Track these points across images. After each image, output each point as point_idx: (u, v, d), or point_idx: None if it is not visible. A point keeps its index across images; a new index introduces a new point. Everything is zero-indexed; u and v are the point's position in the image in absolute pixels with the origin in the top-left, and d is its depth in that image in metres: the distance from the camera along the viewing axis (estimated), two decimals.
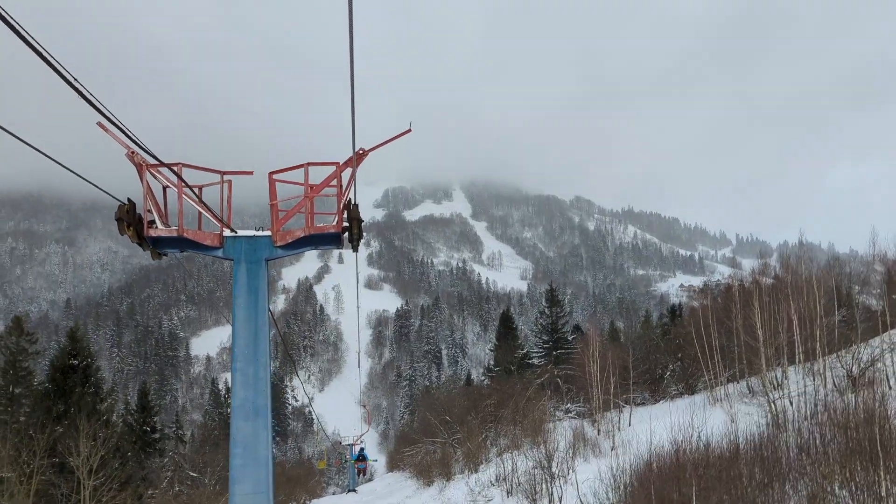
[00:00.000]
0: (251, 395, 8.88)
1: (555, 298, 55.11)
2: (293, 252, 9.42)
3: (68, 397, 18.45)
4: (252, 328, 8.98)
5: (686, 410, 28.69)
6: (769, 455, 12.39)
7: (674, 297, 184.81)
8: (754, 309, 23.23)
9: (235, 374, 8.96)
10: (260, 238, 9.22)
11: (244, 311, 9.01)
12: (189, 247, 9.16)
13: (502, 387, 41.27)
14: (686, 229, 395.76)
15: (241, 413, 8.90)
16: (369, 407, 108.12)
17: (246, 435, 8.85)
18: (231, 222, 9.22)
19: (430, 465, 36.37)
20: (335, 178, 9.07)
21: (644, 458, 17.26)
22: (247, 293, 9.05)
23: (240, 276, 9.08)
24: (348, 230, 9.05)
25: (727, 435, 17.40)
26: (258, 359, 8.97)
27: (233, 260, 9.17)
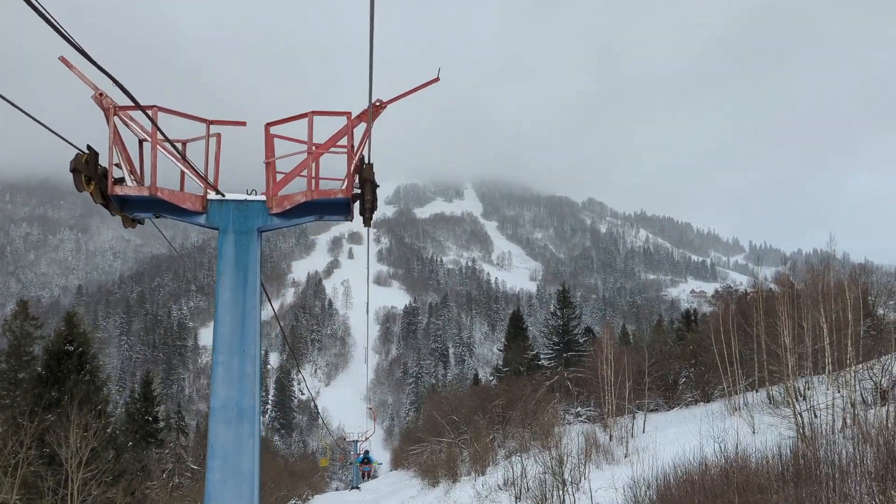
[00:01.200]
0: (235, 394, 7.30)
1: (566, 300, 54.13)
2: (292, 223, 7.88)
3: (62, 385, 17.74)
4: (238, 312, 7.44)
5: (704, 419, 27.80)
6: (810, 474, 11.45)
7: (684, 303, 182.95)
8: (780, 315, 22.21)
9: (216, 369, 7.39)
10: (252, 203, 7.69)
11: (230, 291, 7.48)
12: (164, 210, 7.61)
13: (511, 388, 40.44)
14: (699, 235, 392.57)
15: (221, 417, 7.29)
16: (374, 408, 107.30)
17: (227, 444, 7.25)
18: (219, 184, 7.67)
19: (436, 465, 35.62)
20: (346, 133, 7.54)
21: (665, 469, 16.27)
22: (234, 270, 7.53)
23: (226, 248, 7.58)
24: (360, 197, 7.61)
25: (755, 448, 16.41)
26: (245, 350, 7.40)
27: (218, 229, 7.66)
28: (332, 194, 7.55)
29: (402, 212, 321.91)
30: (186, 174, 7.67)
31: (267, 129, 7.49)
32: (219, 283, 7.50)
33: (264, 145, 7.50)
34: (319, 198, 7.61)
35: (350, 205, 7.67)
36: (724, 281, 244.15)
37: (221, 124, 7.57)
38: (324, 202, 7.68)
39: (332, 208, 7.69)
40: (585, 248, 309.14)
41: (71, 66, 6.55)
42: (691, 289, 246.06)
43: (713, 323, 32.77)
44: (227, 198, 7.69)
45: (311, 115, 7.45)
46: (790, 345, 21.76)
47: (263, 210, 7.66)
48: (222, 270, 7.48)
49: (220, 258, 7.52)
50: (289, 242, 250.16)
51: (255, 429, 7.46)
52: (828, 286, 23.27)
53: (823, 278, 23.03)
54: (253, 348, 7.46)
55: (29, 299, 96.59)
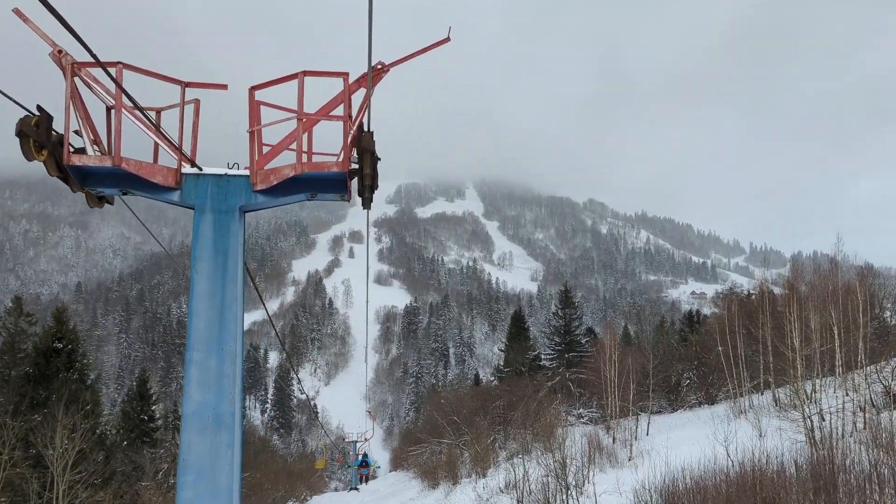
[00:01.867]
0: (211, 398, 6.27)
1: (568, 300, 53.65)
2: (279, 202, 6.87)
3: (50, 383, 17.21)
4: (216, 304, 6.44)
5: (709, 422, 27.30)
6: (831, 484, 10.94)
7: (685, 304, 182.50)
8: (789, 316, 21.73)
9: (189, 369, 6.35)
10: (233, 179, 6.71)
11: (207, 279, 6.48)
12: (132, 186, 6.54)
13: (513, 388, 39.97)
14: (699, 236, 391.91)
15: (195, 424, 6.25)
16: (374, 407, 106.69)
17: (201, 455, 6.20)
18: (196, 157, 6.64)
19: (436, 466, 35.15)
20: (343, 101, 6.51)
21: (674, 475, 15.76)
22: (212, 254, 6.51)
23: (203, 229, 6.56)
24: (358, 172, 6.54)
25: (765, 454, 15.92)
26: (224, 348, 6.39)
27: (193, 208, 6.65)
28: (326, 168, 6.57)
29: (403, 211, 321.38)
30: (161, 147, 6.73)
31: (251, 94, 6.52)
32: (194, 269, 6.50)
33: (248, 112, 6.55)
34: (311, 172, 6.59)
35: (347, 181, 6.71)
36: (725, 282, 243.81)
37: (199, 87, 6.65)
38: (316, 177, 6.69)
39: (326, 185, 6.73)
40: (586, 248, 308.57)
41: (26, 20, 5.80)
42: (692, 290, 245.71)
43: (718, 324, 32.29)
44: (204, 172, 6.72)
45: (302, 76, 6.46)
46: (799, 346, 21.28)
47: (246, 186, 6.71)
48: (198, 255, 6.51)
49: (195, 241, 6.55)
50: (289, 241, 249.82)
51: (235, 438, 6.39)
52: (836, 287, 22.81)
53: (834, 279, 22.52)
54: (233, 345, 6.44)
55: (28, 296, 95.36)
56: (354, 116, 6.70)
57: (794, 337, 21.23)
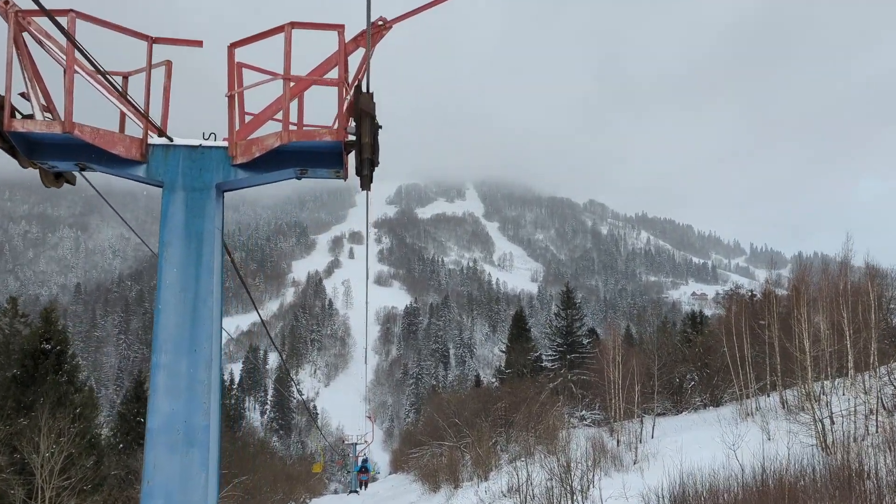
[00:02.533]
0: (182, 409, 5.27)
1: (570, 300, 53.19)
2: (263, 178, 5.85)
3: (38, 386, 16.71)
4: (188, 298, 5.45)
5: (715, 424, 26.83)
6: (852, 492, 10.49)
7: (685, 305, 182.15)
8: (798, 316, 21.27)
9: (155, 375, 5.36)
10: (209, 151, 5.71)
11: (177, 269, 5.50)
12: (90, 159, 5.53)
13: (514, 390, 39.51)
14: (700, 237, 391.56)
15: (162, 440, 5.25)
16: (374, 409, 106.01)
17: (169, 478, 5.18)
18: (168, 126, 5.66)
19: (437, 469, 34.67)
20: (338, 62, 5.56)
21: (683, 481, 15.28)
22: (183, 240, 5.52)
23: (173, 210, 5.59)
24: (356, 143, 5.55)
25: (777, 458, 15.44)
26: (197, 350, 5.38)
27: (162, 185, 5.66)
28: (318, 136, 5.54)
29: (403, 212, 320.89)
30: (128, 117, 5.78)
31: (231, 53, 5.56)
32: (162, 257, 5.50)
33: (227, 74, 5.54)
34: (300, 142, 5.53)
35: (343, 154, 5.69)
36: (726, 283, 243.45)
37: (170, 43, 5.69)
38: (306, 149, 5.68)
39: (319, 158, 5.71)
40: (586, 249, 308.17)
41: None
42: (692, 291, 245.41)
43: (725, 324, 31.82)
44: (175, 143, 5.74)
45: (290, 29, 5.50)
46: (809, 348, 20.82)
47: (224, 160, 5.69)
48: (167, 240, 5.54)
49: (163, 224, 5.58)
50: (289, 242, 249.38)
51: (211, 457, 5.31)
52: (847, 286, 22.35)
53: (845, 278, 22.05)
54: (208, 347, 5.40)
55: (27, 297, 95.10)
56: (352, 79, 5.73)
57: (803, 338, 20.75)
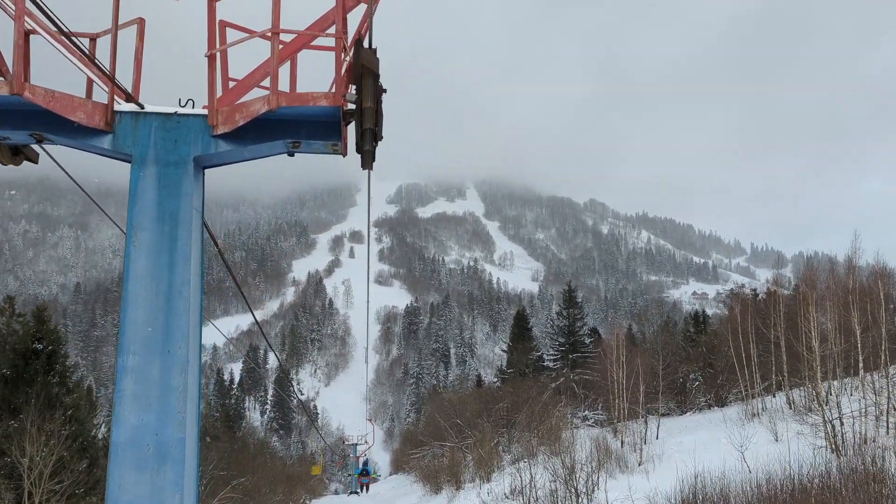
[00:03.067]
0: (153, 421, 4.51)
1: (572, 299, 52.81)
2: (248, 153, 5.08)
3: (29, 387, 16.28)
4: (161, 290, 4.69)
5: (720, 425, 26.45)
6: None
7: (686, 305, 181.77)
8: (807, 315, 20.88)
9: (122, 380, 4.56)
10: (185, 119, 4.94)
11: (148, 257, 4.73)
12: (44, 126, 4.74)
13: (516, 390, 39.12)
14: (700, 236, 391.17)
15: (128, 457, 4.47)
16: (375, 409, 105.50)
17: (137, 500, 4.43)
18: (140, 92, 4.91)
19: (438, 470, 34.30)
20: (336, 18, 4.85)
21: (692, 484, 14.87)
22: (155, 223, 4.76)
23: (143, 188, 4.80)
24: (356, 110, 4.76)
25: (787, 462, 15.05)
26: (171, 350, 4.61)
27: (130, 159, 4.88)
28: (312, 101, 4.76)
29: (403, 211, 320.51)
30: (96, 85, 5.00)
31: (211, 7, 4.86)
32: (129, 242, 4.71)
33: (207, 30, 4.78)
34: (291, 107, 4.74)
35: (341, 123, 4.92)
36: (726, 283, 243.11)
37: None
38: (298, 116, 4.89)
39: (313, 128, 4.95)
40: (587, 248, 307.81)
41: None
42: (693, 290, 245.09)
43: (730, 324, 31.42)
44: (146, 110, 4.95)
45: None
46: (817, 347, 20.43)
47: (203, 129, 4.91)
48: (136, 223, 4.74)
49: (131, 204, 4.77)
50: (290, 241, 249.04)
51: (188, 475, 4.55)
52: (855, 285, 21.99)
53: (854, 276, 21.67)
54: (184, 347, 4.62)
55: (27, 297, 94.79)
56: (351, 39, 4.94)
57: (812, 337, 20.36)
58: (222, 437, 40.77)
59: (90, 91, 5.06)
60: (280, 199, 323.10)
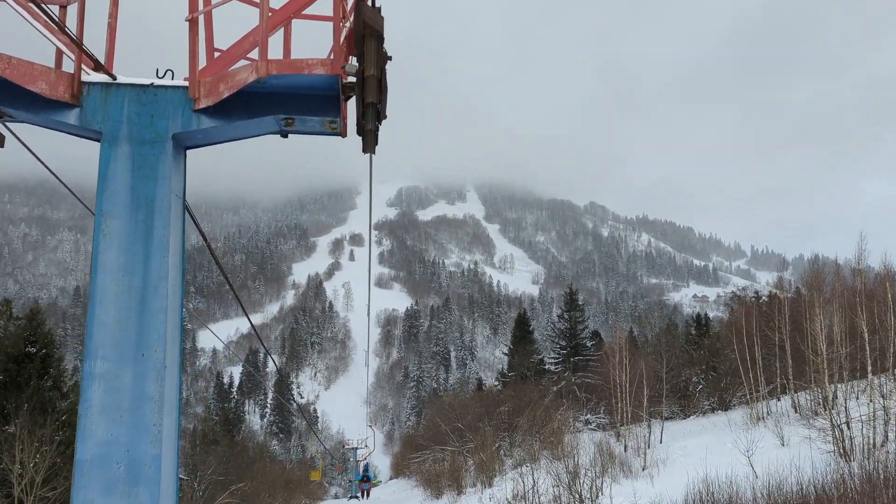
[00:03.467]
0: (124, 436, 3.95)
1: (573, 302, 52.52)
2: (234, 130, 4.54)
3: (22, 391, 15.93)
4: (135, 287, 4.11)
5: (725, 429, 26.15)
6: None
7: (687, 307, 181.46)
8: (814, 317, 20.58)
9: (88, 388, 3.98)
10: (163, 91, 4.39)
11: (121, 249, 4.14)
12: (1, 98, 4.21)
13: (518, 393, 38.80)
14: (700, 239, 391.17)
15: (96, 477, 3.89)
16: (374, 421, 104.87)
17: None
18: (114, 63, 4.38)
19: (439, 474, 33.96)
20: None
21: (699, 490, 14.54)
22: (128, 209, 4.19)
23: (114, 170, 4.23)
24: (357, 82, 4.21)
25: (798, 468, 14.71)
26: (145, 355, 4.05)
27: (99, 136, 4.31)
28: (306, 68, 4.19)
29: (403, 214, 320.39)
30: (66, 55, 4.46)
31: None
32: (98, 231, 4.15)
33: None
34: (283, 76, 4.17)
35: (339, 96, 4.35)
36: (727, 286, 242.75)
37: None
38: (291, 88, 4.34)
39: (307, 102, 4.41)
40: (587, 251, 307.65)
41: None
42: (693, 293, 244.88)
43: (734, 326, 31.11)
44: (119, 81, 4.37)
45: None
46: (825, 350, 20.12)
47: (184, 103, 4.35)
48: (106, 209, 4.17)
49: (100, 188, 4.20)
50: (289, 244, 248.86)
51: (165, 498, 4.01)
52: (864, 287, 21.71)
53: (863, 278, 21.36)
54: (160, 351, 4.07)
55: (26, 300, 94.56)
56: (351, 2, 4.32)
57: (819, 340, 20.05)
58: (221, 442, 40.46)
59: (60, 65, 4.55)
60: (280, 203, 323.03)
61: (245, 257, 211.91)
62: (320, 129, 4.49)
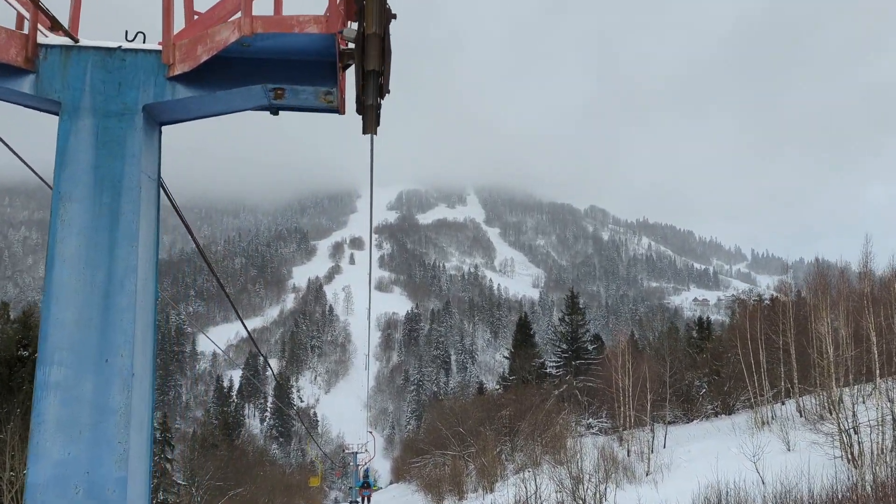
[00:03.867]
0: (83, 454, 3.37)
1: (575, 305, 52.27)
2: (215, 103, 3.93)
3: (14, 396, 15.59)
4: (98, 282, 3.53)
5: (730, 433, 25.84)
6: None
7: (687, 311, 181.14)
8: (819, 321, 20.31)
9: (42, 400, 3.39)
10: (132, 56, 3.79)
11: (82, 237, 3.57)
12: None
13: (519, 397, 38.51)
14: (701, 243, 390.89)
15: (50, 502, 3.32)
16: (374, 426, 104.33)
17: None
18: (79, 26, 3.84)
19: (440, 479, 33.68)
20: None
21: (707, 497, 14.25)
22: (91, 193, 3.61)
23: (75, 147, 3.64)
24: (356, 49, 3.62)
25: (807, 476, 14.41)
26: (111, 361, 3.48)
27: (58, 109, 3.72)
28: (297, 26, 3.59)
29: (404, 217, 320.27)
30: (19, 12, 3.90)
31: None
32: (55, 216, 3.58)
33: None
34: (270, 34, 3.59)
35: (336, 62, 3.80)
36: (727, 289, 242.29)
37: None
38: (280, 52, 3.77)
39: (299, 70, 3.82)
40: (588, 255, 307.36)
41: None
42: (694, 297, 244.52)
43: (739, 330, 30.83)
44: (81, 43, 3.78)
45: None
46: (832, 354, 19.85)
47: (156, 70, 3.75)
48: (65, 191, 3.59)
49: (58, 167, 3.62)
50: (290, 248, 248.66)
51: None
52: (871, 290, 21.43)
53: (870, 281, 21.09)
54: (127, 356, 3.46)
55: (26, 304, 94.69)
56: None
57: (826, 343, 19.77)
58: (221, 446, 40.13)
59: (21, 27, 3.91)
60: (280, 206, 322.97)
61: (245, 261, 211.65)
62: (314, 103, 3.92)
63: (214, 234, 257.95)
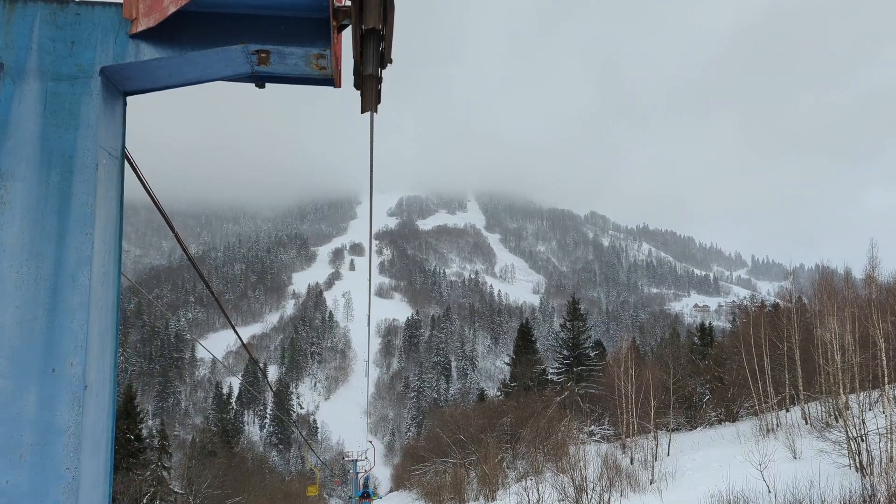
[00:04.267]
0: (23, 480, 2.72)
1: (576, 311, 51.93)
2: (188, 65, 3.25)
3: None
4: (44, 275, 2.88)
5: (734, 441, 25.51)
6: None
7: (688, 317, 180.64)
8: (828, 326, 20.03)
9: None
10: (88, 10, 3.14)
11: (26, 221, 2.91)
12: None
13: (521, 404, 38.17)
14: (701, 249, 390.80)
15: None
16: (374, 434, 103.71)
17: None
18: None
19: (441, 487, 33.31)
20: None
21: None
22: (37, 171, 2.96)
23: (18, 117, 3.00)
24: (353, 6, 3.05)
25: (815, 485, 14.10)
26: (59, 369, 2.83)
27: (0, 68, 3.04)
28: None
29: (404, 223, 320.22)
30: None
31: None
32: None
33: None
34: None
35: (330, 19, 3.12)
36: (727, 295, 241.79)
37: None
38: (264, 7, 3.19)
39: (286, 28, 3.21)
40: (588, 261, 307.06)
41: None
42: (695, 303, 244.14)
43: (742, 336, 30.53)
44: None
45: None
46: (840, 361, 19.56)
47: (117, 26, 3.16)
48: (6, 169, 2.97)
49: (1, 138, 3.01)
50: (290, 254, 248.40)
51: None
52: (878, 296, 21.16)
53: (875, 288, 20.83)
54: (78, 363, 2.88)
55: None
56: None
57: (833, 349, 19.49)
58: (219, 454, 39.78)
59: None
60: (280, 212, 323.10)
61: (245, 267, 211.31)
62: (305, 70, 3.34)
63: (214, 241, 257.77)
